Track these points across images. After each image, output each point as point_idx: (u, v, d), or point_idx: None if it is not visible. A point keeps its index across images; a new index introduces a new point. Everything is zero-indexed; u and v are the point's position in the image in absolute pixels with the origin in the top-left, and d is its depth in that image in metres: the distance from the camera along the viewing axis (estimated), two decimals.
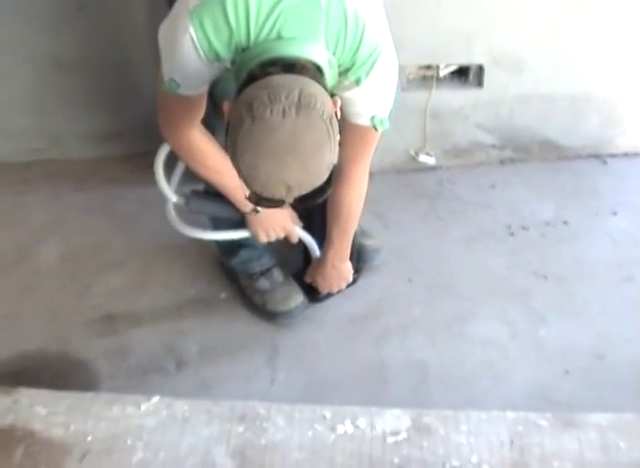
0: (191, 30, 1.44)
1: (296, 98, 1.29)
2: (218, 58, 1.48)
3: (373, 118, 1.66)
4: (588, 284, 2.34)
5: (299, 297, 2.20)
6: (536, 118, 2.81)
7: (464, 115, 2.75)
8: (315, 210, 2.04)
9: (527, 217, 2.61)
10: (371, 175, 2.59)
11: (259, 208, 1.93)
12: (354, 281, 2.27)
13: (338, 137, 1.35)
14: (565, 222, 2.59)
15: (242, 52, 1.46)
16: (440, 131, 2.77)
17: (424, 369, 2.07)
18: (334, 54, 1.49)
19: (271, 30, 1.43)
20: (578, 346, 2.13)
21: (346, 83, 1.58)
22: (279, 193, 1.34)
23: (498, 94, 2.72)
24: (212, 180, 1.88)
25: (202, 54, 1.47)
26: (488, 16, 2.54)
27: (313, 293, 2.23)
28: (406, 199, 2.70)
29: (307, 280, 2.18)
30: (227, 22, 1.43)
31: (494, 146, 2.85)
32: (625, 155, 2.96)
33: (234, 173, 1.39)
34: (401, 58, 2.20)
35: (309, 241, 2.14)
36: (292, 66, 1.38)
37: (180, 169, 2.03)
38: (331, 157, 1.35)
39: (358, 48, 1.51)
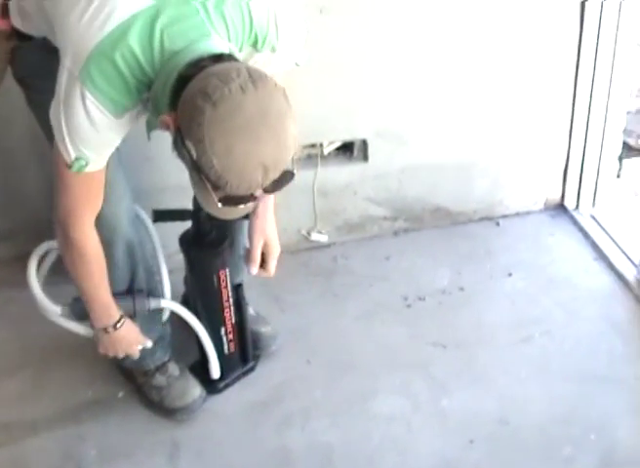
0: (88, 95, 1.47)
1: (246, 75, 1.35)
2: (125, 108, 1.53)
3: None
4: (488, 348, 2.47)
5: (196, 391, 2.25)
6: (425, 187, 2.99)
7: (353, 190, 2.90)
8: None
9: (423, 287, 2.74)
10: None
11: (118, 325, 1.96)
12: (252, 368, 2.37)
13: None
14: (461, 288, 2.74)
15: (149, 86, 1.51)
16: (330, 207, 2.92)
17: (329, 450, 2.14)
18: (233, 41, 1.57)
19: (162, 53, 1.48)
20: (481, 413, 2.23)
21: (265, 56, 1.69)
22: (255, 179, 1.38)
23: (384, 166, 2.89)
24: (85, 288, 1.89)
25: (108, 112, 1.50)
26: (367, 92, 2.72)
27: (212, 384, 2.29)
28: (301, 279, 2.81)
29: None
30: (119, 72, 1.47)
31: (385, 218, 3.01)
32: (517, 214, 3.16)
33: (107, 286, 1.49)
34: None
35: (204, 336, 2.20)
36: (219, 56, 1.44)
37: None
38: (295, 128, 1.40)
39: (251, 26, 1.60)
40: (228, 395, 2.32)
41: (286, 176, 1.46)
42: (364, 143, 2.84)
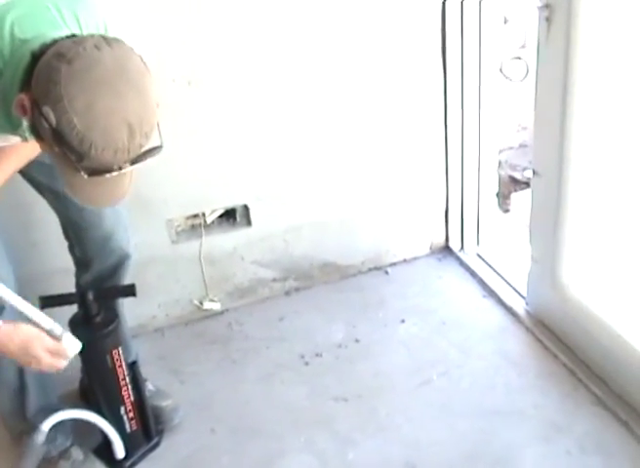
0: None
1: (100, 37, 1.39)
2: None
3: None
4: (388, 396, 2.62)
5: None
6: (310, 245, 3.16)
7: (240, 255, 3.05)
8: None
9: (319, 343, 2.89)
10: (160, 330, 2.85)
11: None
12: (157, 443, 2.47)
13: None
14: (357, 340, 2.90)
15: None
16: (219, 275, 3.06)
17: None
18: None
19: (12, 42, 1.48)
20: (388, 460, 2.36)
21: None
22: (121, 140, 1.37)
23: (268, 229, 3.05)
24: None
25: None
26: (243, 159, 2.88)
27: (118, 465, 2.35)
28: (198, 349, 2.93)
29: None
30: None
31: (275, 280, 3.17)
32: (405, 261, 3.38)
33: None
34: (167, 212, 2.53)
35: (102, 422, 2.27)
36: (72, 36, 1.46)
37: None
38: (155, 93, 1.43)
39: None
40: None
41: (153, 150, 1.48)
42: (246, 208, 2.99)
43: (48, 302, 2.21)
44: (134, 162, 1.44)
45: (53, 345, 1.85)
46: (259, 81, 2.77)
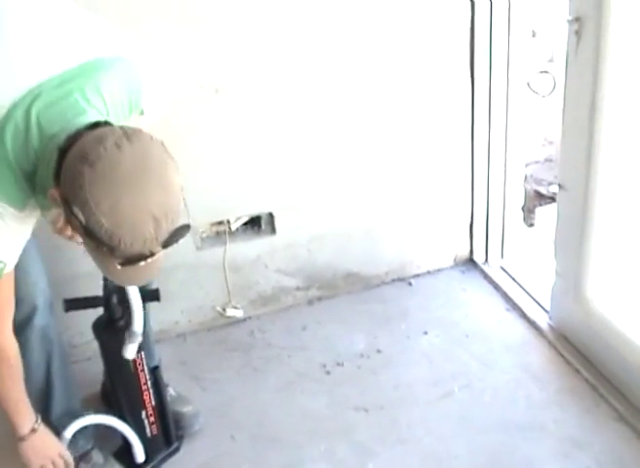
0: None
1: (120, 132, 1.43)
2: (24, 200, 1.61)
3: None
4: (409, 407, 2.62)
5: None
6: (334, 254, 3.17)
7: (263, 263, 3.07)
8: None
9: (341, 353, 2.90)
10: (182, 336, 2.87)
11: (35, 427, 2.08)
12: (177, 449, 2.48)
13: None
14: (379, 351, 2.91)
15: (34, 174, 1.59)
16: (242, 282, 3.07)
17: None
18: (112, 115, 1.68)
19: (41, 138, 1.55)
20: None
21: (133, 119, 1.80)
22: (149, 232, 1.42)
23: (292, 237, 3.06)
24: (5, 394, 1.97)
25: (11, 208, 1.59)
26: (269, 166, 2.89)
27: None
28: (220, 355, 2.94)
29: None
30: (5, 169, 1.55)
31: (298, 288, 3.18)
32: (428, 273, 3.38)
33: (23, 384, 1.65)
34: (192, 218, 2.55)
35: (123, 427, 2.31)
36: (95, 124, 1.52)
37: None
38: (179, 177, 1.48)
39: (130, 101, 1.75)
40: None
41: (182, 230, 1.52)
42: (271, 216, 3.01)
43: (72, 305, 2.24)
44: (164, 246, 1.51)
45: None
46: (286, 89, 2.79)
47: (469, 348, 2.90)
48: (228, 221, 2.98)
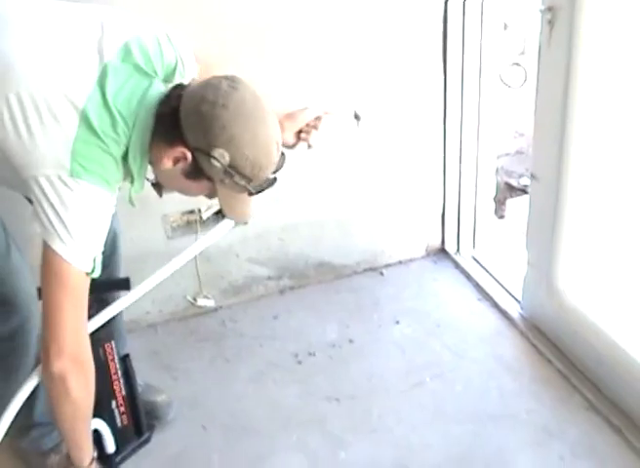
0: (84, 183, 1.59)
1: (221, 77, 1.64)
2: (117, 181, 1.69)
3: None
4: (381, 397, 2.62)
5: None
6: (306, 244, 3.15)
7: (235, 252, 3.05)
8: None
9: (313, 343, 2.89)
10: (153, 326, 2.84)
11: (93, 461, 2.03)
12: (148, 439, 2.45)
13: None
14: (350, 341, 2.90)
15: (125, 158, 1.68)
16: (214, 272, 3.05)
17: None
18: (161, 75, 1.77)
19: (126, 121, 1.64)
20: (379, 462, 2.36)
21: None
22: (275, 157, 1.69)
23: (264, 226, 3.04)
24: (64, 433, 1.93)
25: (106, 191, 1.64)
26: None
27: (108, 459, 2.33)
28: (191, 346, 2.92)
29: None
30: (101, 152, 1.62)
31: (270, 278, 3.16)
32: (400, 263, 3.38)
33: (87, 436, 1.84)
34: (163, 207, 2.52)
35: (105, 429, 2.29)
36: (180, 85, 1.72)
37: None
38: None
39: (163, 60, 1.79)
40: None
41: (283, 155, 1.77)
42: None
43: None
44: (276, 171, 1.75)
45: None
46: (259, 73, 2.71)
47: (441, 338, 2.90)
48: (199, 210, 2.95)
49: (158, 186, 1.84)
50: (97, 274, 1.69)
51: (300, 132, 2.06)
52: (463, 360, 2.78)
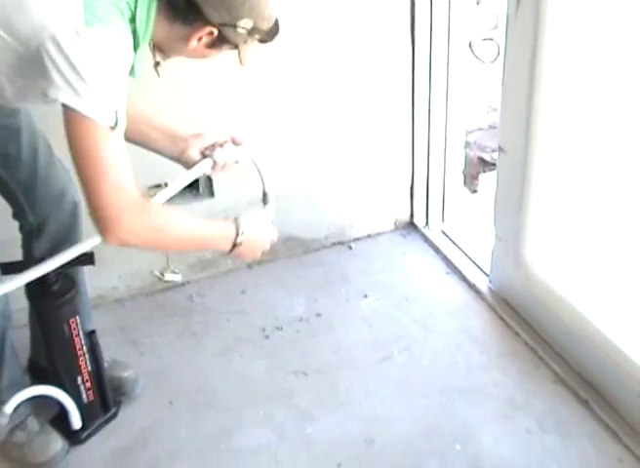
0: (105, 30, 1.59)
1: None
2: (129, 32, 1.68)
3: None
4: (349, 371, 2.62)
5: (57, 444, 2.30)
6: (274, 218, 3.14)
7: None
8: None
9: (280, 317, 2.88)
10: (120, 302, 2.82)
11: (239, 240, 1.95)
12: (114, 415, 2.44)
13: None
14: (318, 315, 2.89)
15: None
16: None
17: None
18: None
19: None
20: (347, 436, 2.36)
21: None
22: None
23: (231, 200, 3.01)
24: (192, 246, 2.10)
25: (124, 34, 1.65)
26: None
27: (74, 435, 2.34)
28: (158, 320, 2.90)
29: None
30: (115, 5, 1.63)
31: None
32: (369, 236, 3.38)
33: (204, 223, 1.85)
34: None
35: (59, 393, 2.26)
36: None
37: None
38: None
39: None
40: (92, 444, 2.38)
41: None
42: (209, 179, 2.96)
43: (6, 270, 2.17)
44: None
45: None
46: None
47: (409, 312, 2.90)
48: (166, 184, 2.91)
49: (158, 65, 1.87)
50: (121, 128, 1.64)
51: (205, 149, 2.09)
52: (431, 333, 2.79)
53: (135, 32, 1.69)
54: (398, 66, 3.05)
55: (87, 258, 2.19)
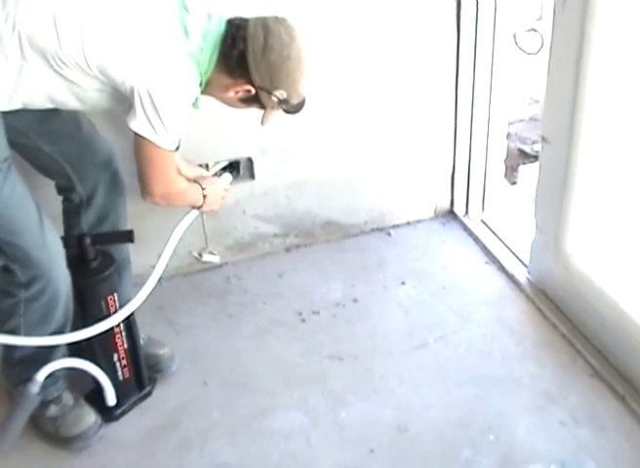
0: (186, 82, 1.96)
1: (282, 30, 2.00)
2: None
3: None
4: (384, 358, 2.60)
5: (91, 418, 2.31)
6: (314, 202, 3.12)
7: (241, 209, 3.02)
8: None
9: (317, 301, 2.87)
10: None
11: (205, 192, 2.35)
12: (149, 393, 2.45)
13: None
14: (355, 300, 2.88)
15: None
16: (220, 228, 3.02)
17: None
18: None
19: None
20: (380, 422, 2.35)
21: None
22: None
23: (271, 183, 3.01)
24: (186, 203, 2.34)
25: (196, 85, 2.01)
26: (248, 110, 2.83)
27: (108, 412, 2.35)
28: (195, 301, 2.91)
29: None
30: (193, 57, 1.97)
31: (276, 235, 3.13)
32: (408, 224, 3.35)
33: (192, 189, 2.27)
34: None
35: (102, 376, 2.27)
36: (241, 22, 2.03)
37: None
38: None
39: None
40: (126, 421, 2.39)
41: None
42: (250, 161, 2.95)
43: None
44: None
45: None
46: None
47: (446, 300, 2.88)
48: (207, 165, 2.91)
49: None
50: (180, 149, 2.07)
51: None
52: (468, 322, 2.76)
53: (201, 75, 2.00)
54: (443, 56, 3.02)
55: (126, 235, 2.20)
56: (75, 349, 2.29)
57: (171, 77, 1.92)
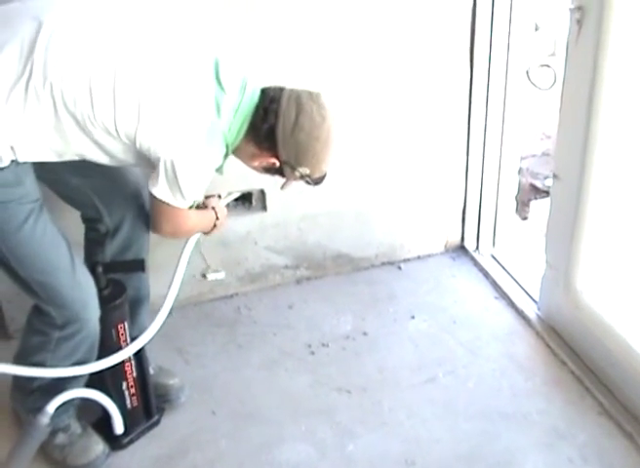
0: (212, 157, 2.02)
1: (314, 108, 2.03)
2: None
3: None
4: (392, 391, 2.59)
5: (99, 447, 2.31)
6: (325, 234, 3.13)
7: (253, 240, 3.02)
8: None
9: (326, 334, 2.87)
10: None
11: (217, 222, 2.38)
12: (157, 422, 2.45)
13: None
14: (364, 333, 2.87)
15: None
16: (231, 258, 3.03)
17: None
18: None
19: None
20: (387, 456, 2.34)
21: None
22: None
23: (283, 215, 3.02)
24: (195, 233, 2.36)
25: (221, 158, 2.06)
26: None
27: (116, 440, 2.34)
28: (205, 330, 2.91)
29: None
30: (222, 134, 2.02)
31: (287, 267, 3.14)
32: (418, 258, 3.35)
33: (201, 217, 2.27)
34: None
35: (110, 404, 2.26)
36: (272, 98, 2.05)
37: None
38: None
39: None
40: (134, 450, 2.38)
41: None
42: (262, 193, 2.96)
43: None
44: None
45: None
46: (281, 64, 2.73)
47: (456, 334, 2.87)
48: (219, 196, 2.92)
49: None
50: (194, 206, 2.13)
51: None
52: (477, 357, 2.75)
53: (227, 147, 2.06)
54: (456, 90, 3.04)
55: (138, 265, 2.21)
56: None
57: (197, 153, 1.97)
